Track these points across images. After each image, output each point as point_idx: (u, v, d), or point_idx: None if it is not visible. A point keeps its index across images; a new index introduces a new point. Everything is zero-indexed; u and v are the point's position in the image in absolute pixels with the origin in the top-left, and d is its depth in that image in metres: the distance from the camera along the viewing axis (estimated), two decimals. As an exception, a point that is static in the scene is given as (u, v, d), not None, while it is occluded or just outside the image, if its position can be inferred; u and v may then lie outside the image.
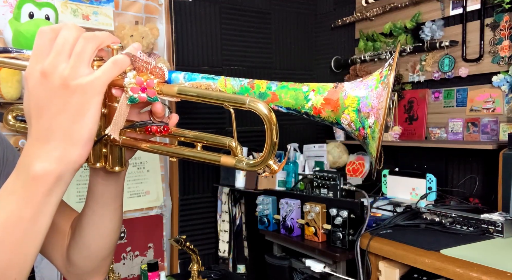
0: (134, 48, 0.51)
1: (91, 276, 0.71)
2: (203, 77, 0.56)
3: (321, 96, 0.52)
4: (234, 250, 2.77)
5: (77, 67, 0.47)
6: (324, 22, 3.22)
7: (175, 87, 0.52)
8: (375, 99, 0.49)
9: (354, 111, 0.51)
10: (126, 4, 2.40)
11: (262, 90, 0.54)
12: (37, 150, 0.47)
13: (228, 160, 0.53)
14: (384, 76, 0.50)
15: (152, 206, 2.49)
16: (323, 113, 0.53)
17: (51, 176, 0.47)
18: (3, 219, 0.46)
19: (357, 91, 0.51)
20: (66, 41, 0.48)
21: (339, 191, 2.20)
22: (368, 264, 1.75)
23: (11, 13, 1.96)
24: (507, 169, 1.84)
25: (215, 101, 0.51)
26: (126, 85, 0.50)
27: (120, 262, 2.39)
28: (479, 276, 1.35)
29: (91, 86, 0.47)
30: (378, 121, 0.49)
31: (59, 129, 0.47)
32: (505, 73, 2.13)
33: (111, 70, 0.48)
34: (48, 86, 0.46)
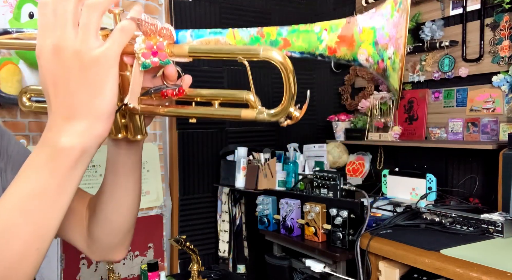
0: (136, 11, 0.50)
1: (114, 251, 0.73)
2: (210, 33, 0.55)
3: (335, 34, 0.50)
4: (234, 250, 2.77)
5: (87, 39, 0.46)
6: (324, 22, 3.21)
7: (186, 47, 0.50)
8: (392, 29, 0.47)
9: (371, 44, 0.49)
10: (126, 4, 2.40)
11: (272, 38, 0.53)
12: (61, 125, 0.47)
13: (248, 113, 0.52)
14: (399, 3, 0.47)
15: (152, 206, 2.49)
16: (338, 52, 0.51)
17: (77, 150, 0.47)
18: (29, 190, 0.47)
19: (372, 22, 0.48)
20: (68, 11, 0.47)
21: (339, 191, 2.20)
22: (368, 264, 1.75)
23: (11, 13, 1.96)
24: (507, 169, 1.84)
25: (228, 55, 0.49)
26: (137, 52, 0.49)
27: (120, 262, 2.39)
28: (479, 276, 1.35)
29: (105, 58, 0.47)
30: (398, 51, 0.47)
31: (81, 105, 0.47)
32: (505, 73, 2.13)
33: (121, 38, 0.48)
34: (62, 61, 0.46)
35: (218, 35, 0.54)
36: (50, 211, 0.48)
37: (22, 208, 0.47)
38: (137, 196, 0.70)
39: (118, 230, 0.70)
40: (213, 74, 2.82)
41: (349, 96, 3.01)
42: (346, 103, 3.00)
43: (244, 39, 0.53)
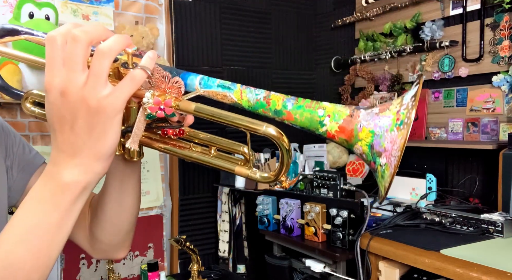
0: (150, 58, 0.51)
1: (116, 249, 0.75)
2: (219, 86, 0.56)
3: (336, 124, 0.53)
4: (234, 250, 2.77)
5: (96, 87, 0.48)
6: (324, 22, 3.22)
7: (193, 105, 0.52)
8: (388, 143, 0.49)
9: (367, 145, 0.51)
10: (126, 4, 2.40)
11: (278, 108, 0.54)
12: (64, 161, 0.50)
13: (242, 170, 0.55)
14: (400, 122, 0.49)
15: (152, 206, 2.49)
16: (336, 139, 0.53)
17: (79, 186, 0.50)
18: (32, 225, 0.50)
19: (372, 125, 0.51)
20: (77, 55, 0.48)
21: (339, 191, 2.20)
22: (368, 264, 1.75)
23: (11, 13, 1.96)
24: (507, 169, 1.84)
25: (232, 123, 0.52)
26: (145, 104, 0.51)
27: (120, 262, 2.39)
28: (479, 276, 1.35)
29: (112, 107, 0.48)
30: (389, 166, 0.49)
31: (84, 146, 0.49)
32: (505, 73, 2.13)
33: (129, 88, 0.49)
34: (70, 105, 0.48)
35: (226, 90, 0.55)
36: (51, 243, 0.51)
37: (25, 241, 0.49)
38: (137, 198, 0.71)
39: (119, 230, 0.72)
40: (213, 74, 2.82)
41: (349, 96, 3.01)
42: (346, 103, 3.00)
43: (250, 101, 0.55)
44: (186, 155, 0.58)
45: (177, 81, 0.52)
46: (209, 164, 0.57)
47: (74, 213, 0.52)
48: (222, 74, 2.88)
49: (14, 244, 0.49)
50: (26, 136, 2.10)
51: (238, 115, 0.52)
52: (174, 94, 0.52)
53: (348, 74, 2.98)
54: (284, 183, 0.52)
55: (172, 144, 0.59)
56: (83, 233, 0.74)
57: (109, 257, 0.77)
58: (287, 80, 3.18)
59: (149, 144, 0.59)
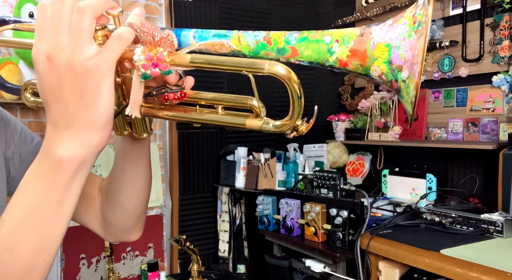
0: (137, 15, 0.48)
1: (129, 233, 0.74)
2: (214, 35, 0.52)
3: (346, 48, 0.47)
4: (234, 250, 2.77)
5: (79, 48, 0.45)
6: (324, 22, 3.21)
7: (188, 56, 0.48)
8: (408, 51, 0.44)
9: (385, 63, 0.46)
10: (126, 4, 2.40)
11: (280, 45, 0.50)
12: (58, 136, 0.47)
13: (254, 122, 0.51)
14: (418, 23, 0.44)
15: (152, 206, 2.49)
16: (349, 65, 0.48)
17: (75, 160, 0.47)
18: (30, 204, 0.47)
19: (387, 38, 0.45)
20: (61, 17, 0.45)
21: (339, 191, 2.20)
22: (368, 264, 1.75)
23: (11, 13, 1.96)
24: (507, 169, 1.84)
25: (232, 68, 0.48)
26: (137, 63, 0.48)
27: (120, 262, 2.39)
28: (479, 276, 1.35)
29: (99, 68, 0.45)
30: (413, 77, 0.44)
31: (76, 115, 0.46)
32: (505, 73, 2.13)
33: (117, 47, 0.46)
34: (56, 71, 0.45)
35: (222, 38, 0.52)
36: (52, 222, 0.48)
37: (25, 221, 0.47)
38: (147, 182, 0.70)
39: (130, 214, 0.71)
40: (213, 74, 2.82)
41: (349, 96, 3.01)
42: (346, 103, 3.00)
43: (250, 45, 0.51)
44: (194, 118, 0.53)
45: (168, 35, 0.48)
46: (219, 122, 0.53)
47: (74, 189, 0.49)
48: (222, 74, 2.88)
49: (14, 225, 0.47)
50: (26, 136, 2.10)
51: (237, 58, 0.48)
52: (166, 48, 0.49)
53: (348, 74, 2.98)
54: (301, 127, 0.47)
55: (177, 110, 0.55)
56: (94, 218, 0.73)
57: (123, 239, 0.75)
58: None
59: (153, 114, 0.55)
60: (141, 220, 0.74)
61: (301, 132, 0.50)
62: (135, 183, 0.67)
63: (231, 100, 0.54)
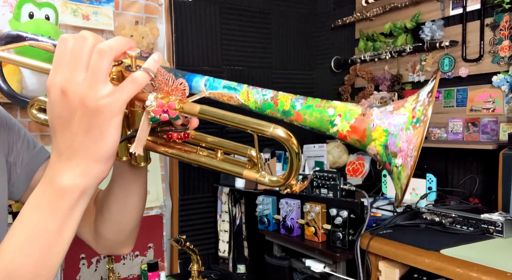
0: (154, 61, 0.50)
1: (121, 246, 0.75)
2: (224, 87, 0.54)
3: (347, 123, 0.50)
4: (234, 250, 2.77)
5: (94, 86, 0.47)
6: (324, 22, 3.22)
7: (197, 108, 0.50)
8: (404, 143, 0.47)
9: (381, 146, 0.49)
10: (126, 4, 2.40)
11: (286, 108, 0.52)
12: (62, 165, 0.49)
13: (251, 174, 0.53)
14: (416, 119, 0.46)
15: (152, 206, 2.49)
16: (348, 139, 0.51)
17: (77, 190, 0.49)
18: (30, 232, 0.49)
19: (386, 124, 0.48)
20: (82, 53, 0.47)
21: (339, 191, 2.20)
22: (368, 264, 1.75)
23: (11, 13, 1.96)
24: (507, 169, 1.84)
25: (238, 125, 0.50)
26: (148, 108, 0.50)
27: (120, 262, 2.39)
28: (479, 276, 1.35)
29: (110, 108, 0.47)
30: (405, 168, 0.47)
31: (82, 147, 0.48)
32: (505, 73, 2.13)
33: (130, 90, 0.48)
34: (69, 104, 0.47)
35: (232, 91, 0.53)
36: (52, 250, 0.49)
37: (25, 249, 0.48)
38: (142, 199, 0.71)
39: (124, 229, 0.72)
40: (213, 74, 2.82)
41: (349, 96, 3.01)
42: (346, 103, 2.99)
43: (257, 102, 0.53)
44: (193, 159, 0.56)
45: (181, 83, 0.51)
46: (217, 168, 0.55)
47: (73, 218, 0.50)
48: (222, 74, 2.88)
49: (14, 253, 0.48)
50: (26, 137, 2.10)
51: (245, 117, 0.50)
52: (178, 96, 0.51)
53: (348, 74, 2.98)
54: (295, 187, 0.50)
55: (178, 148, 0.57)
56: (88, 229, 0.74)
57: (113, 253, 0.77)
58: (287, 80, 3.18)
59: (154, 148, 0.57)
60: (133, 235, 0.75)
61: (294, 191, 0.52)
62: (130, 200, 0.69)
63: (231, 148, 0.57)
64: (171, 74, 0.50)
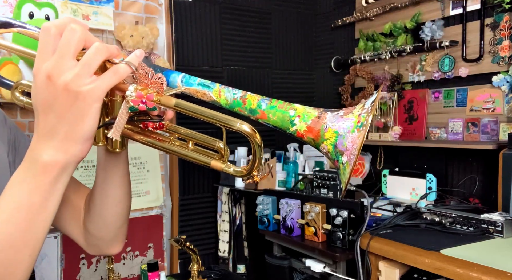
0: (136, 56, 0.55)
1: (109, 245, 0.77)
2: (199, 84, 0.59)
3: (305, 124, 0.57)
4: (234, 250, 2.77)
5: (81, 75, 0.51)
6: (324, 22, 3.22)
7: (173, 101, 0.55)
8: (349, 143, 0.54)
9: (331, 145, 0.56)
10: (126, 4, 2.40)
11: (252, 107, 0.58)
12: (44, 144, 0.53)
13: (217, 164, 0.59)
14: (361, 123, 0.53)
15: (152, 206, 2.49)
16: (305, 138, 0.58)
17: (57, 166, 0.53)
18: (16, 204, 0.53)
19: (337, 126, 0.55)
20: (71, 43, 0.51)
21: (339, 191, 2.20)
22: (368, 264, 1.75)
23: (11, 13, 1.96)
24: (507, 169, 1.84)
25: (209, 119, 0.55)
26: (127, 97, 0.54)
27: (120, 262, 2.39)
28: (479, 276, 1.35)
29: (91, 94, 0.51)
30: (349, 164, 0.54)
31: (62, 128, 0.52)
32: (505, 73, 2.13)
33: (112, 79, 0.53)
34: (53, 88, 0.51)
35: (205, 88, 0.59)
36: (36, 221, 0.54)
37: (11, 220, 0.53)
38: (125, 193, 0.73)
39: (110, 225, 0.74)
40: (213, 74, 2.82)
41: (349, 96, 3.01)
42: (346, 103, 3.00)
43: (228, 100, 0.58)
44: (165, 148, 0.61)
45: (160, 77, 0.55)
46: (186, 157, 0.60)
47: (55, 193, 0.55)
48: (222, 74, 2.88)
49: (2, 223, 0.53)
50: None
51: (215, 112, 0.55)
52: (156, 89, 0.55)
53: (348, 74, 2.98)
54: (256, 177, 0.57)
55: (153, 137, 0.61)
56: (78, 229, 0.76)
57: (103, 253, 0.79)
58: (287, 80, 3.18)
59: (131, 136, 0.61)
60: (122, 232, 0.77)
61: (256, 181, 0.60)
62: (113, 193, 0.72)
63: (201, 139, 0.62)
64: (151, 69, 0.55)
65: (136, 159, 2.41)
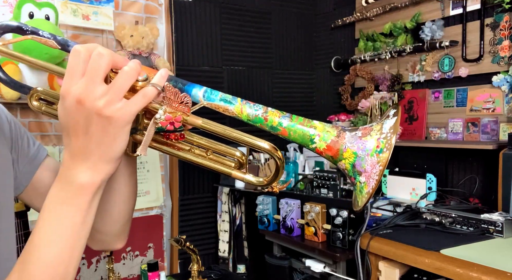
0: (162, 77, 0.57)
1: (114, 240, 0.79)
2: (221, 100, 0.60)
3: (324, 143, 0.59)
4: (234, 250, 2.77)
5: (112, 100, 0.53)
6: (324, 22, 3.22)
7: (199, 121, 0.58)
8: (368, 166, 0.56)
9: (349, 164, 0.58)
10: (126, 4, 2.40)
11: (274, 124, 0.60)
12: (79, 165, 0.56)
13: (238, 174, 0.62)
14: (380, 149, 0.55)
15: (152, 206, 2.49)
16: (323, 155, 0.60)
17: (94, 186, 0.56)
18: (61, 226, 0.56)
19: (356, 147, 0.57)
20: (101, 68, 0.53)
21: (339, 191, 2.20)
22: (368, 264, 1.75)
23: (11, 13, 1.96)
24: (507, 169, 1.84)
25: (234, 140, 0.59)
26: (157, 120, 0.56)
27: (120, 262, 2.39)
28: (479, 276, 1.35)
29: (123, 118, 0.54)
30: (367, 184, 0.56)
31: (96, 151, 0.55)
32: (505, 73, 2.13)
33: (141, 103, 0.55)
34: (84, 113, 0.53)
35: (227, 104, 0.60)
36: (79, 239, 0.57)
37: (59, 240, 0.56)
38: (132, 191, 0.75)
39: (116, 220, 0.76)
40: (213, 74, 2.82)
41: (349, 96, 3.01)
42: (346, 103, 3.00)
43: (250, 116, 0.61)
44: (186, 157, 0.62)
45: (186, 97, 0.57)
46: (208, 167, 0.62)
47: (93, 209, 0.58)
48: (222, 74, 2.88)
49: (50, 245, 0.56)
50: (26, 137, 2.10)
51: (240, 132, 0.59)
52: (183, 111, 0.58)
53: (348, 74, 2.98)
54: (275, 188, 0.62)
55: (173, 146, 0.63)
56: None
57: (107, 248, 0.80)
58: (287, 80, 3.18)
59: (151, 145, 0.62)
60: (126, 228, 0.79)
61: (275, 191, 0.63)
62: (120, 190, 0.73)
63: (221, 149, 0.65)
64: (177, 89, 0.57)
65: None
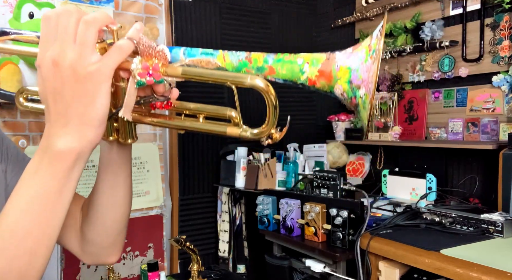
0: (136, 30, 0.54)
1: (107, 252, 0.75)
2: (202, 53, 0.58)
3: (315, 68, 0.55)
4: (234, 250, 2.77)
5: (83, 55, 0.50)
6: (324, 22, 3.21)
7: (179, 69, 0.54)
8: (365, 73, 0.52)
9: (346, 82, 0.54)
10: (126, 4, 2.40)
11: (259, 64, 0.57)
12: (57, 131, 0.52)
13: (233, 130, 0.57)
14: (372, 50, 0.52)
15: (152, 206, 2.49)
16: (317, 84, 0.56)
17: (73, 153, 0.52)
18: (32, 193, 0.52)
19: (349, 62, 0.54)
20: (68, 27, 0.51)
21: (339, 191, 2.20)
22: (368, 264, 1.75)
23: (11, 13, 1.96)
24: (507, 169, 1.84)
25: (218, 80, 0.54)
26: (134, 71, 0.53)
27: (120, 262, 2.39)
28: (479, 276, 1.35)
29: (99, 74, 0.51)
30: (368, 93, 0.52)
31: (75, 114, 0.52)
32: (505, 73, 2.13)
33: (117, 56, 0.52)
34: (60, 74, 0.51)
35: (209, 56, 0.58)
36: (53, 211, 0.53)
37: (29, 209, 0.52)
38: (126, 196, 0.72)
39: (110, 230, 0.72)
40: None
41: (349, 96, 3.00)
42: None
43: (233, 63, 0.57)
44: (177, 125, 0.60)
45: (163, 49, 0.54)
46: (201, 130, 0.59)
47: (72, 181, 0.54)
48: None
49: (19, 214, 0.52)
50: (26, 137, 2.10)
51: (223, 71, 0.55)
52: (161, 60, 0.54)
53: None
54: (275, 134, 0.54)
55: (162, 117, 0.61)
56: (74, 238, 0.74)
57: (100, 261, 0.76)
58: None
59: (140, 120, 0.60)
60: (120, 240, 0.75)
61: (275, 139, 0.56)
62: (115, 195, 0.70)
63: (212, 111, 0.60)
64: (153, 42, 0.54)
65: (136, 159, 2.41)
